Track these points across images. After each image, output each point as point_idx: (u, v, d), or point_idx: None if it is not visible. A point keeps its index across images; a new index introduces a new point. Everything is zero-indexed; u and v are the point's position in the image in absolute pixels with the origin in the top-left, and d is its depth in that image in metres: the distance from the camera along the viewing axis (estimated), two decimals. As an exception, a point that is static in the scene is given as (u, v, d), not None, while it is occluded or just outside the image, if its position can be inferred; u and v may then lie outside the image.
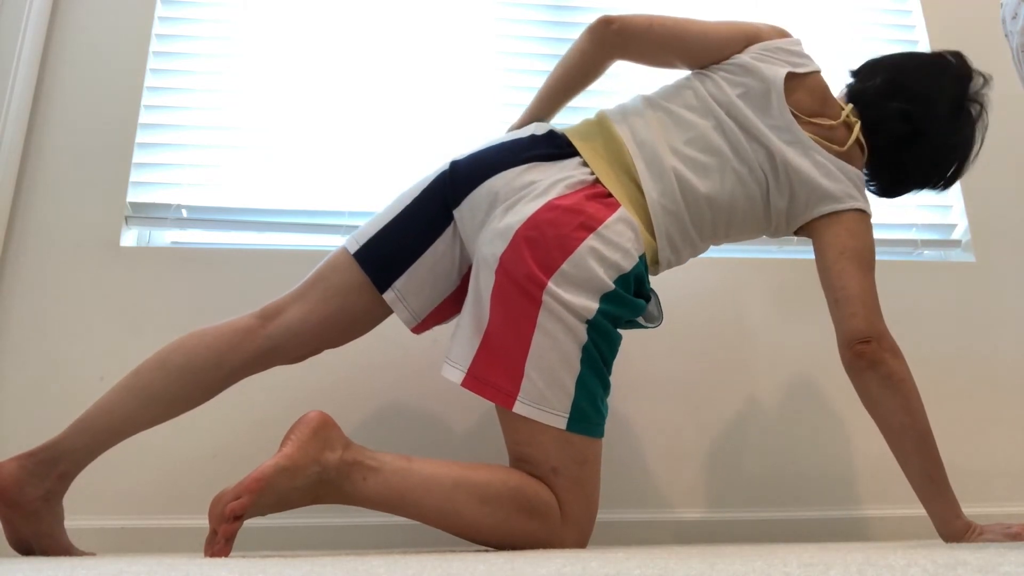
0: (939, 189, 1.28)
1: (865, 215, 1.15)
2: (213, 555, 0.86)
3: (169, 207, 1.59)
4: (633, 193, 1.11)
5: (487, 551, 0.94)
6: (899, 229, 1.80)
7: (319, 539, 1.38)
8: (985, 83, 1.23)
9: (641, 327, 1.14)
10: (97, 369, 1.44)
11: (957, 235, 1.81)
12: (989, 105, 1.23)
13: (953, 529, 1.04)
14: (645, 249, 1.09)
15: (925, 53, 1.29)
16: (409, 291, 1.12)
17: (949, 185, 1.27)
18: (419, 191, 1.14)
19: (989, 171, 1.69)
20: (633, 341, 1.52)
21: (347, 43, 1.75)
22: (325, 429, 0.94)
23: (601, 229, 1.04)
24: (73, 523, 1.11)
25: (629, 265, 1.04)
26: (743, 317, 1.64)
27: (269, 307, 1.13)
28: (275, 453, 0.91)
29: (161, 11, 1.72)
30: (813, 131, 1.15)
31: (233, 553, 0.88)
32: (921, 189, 1.29)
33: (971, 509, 1.12)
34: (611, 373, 1.07)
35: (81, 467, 1.05)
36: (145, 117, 1.64)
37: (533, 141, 1.15)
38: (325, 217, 1.64)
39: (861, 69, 1.28)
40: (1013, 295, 1.73)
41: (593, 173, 1.11)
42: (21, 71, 1.55)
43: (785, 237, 1.25)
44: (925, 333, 1.67)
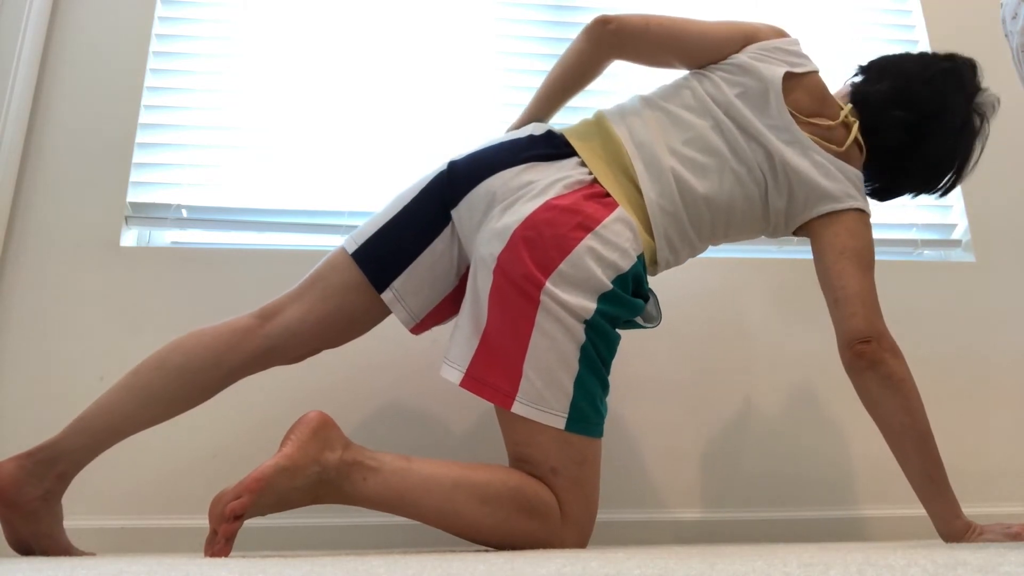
0: (936, 195, 1.28)
1: (864, 215, 1.14)
2: (213, 555, 0.86)
3: (169, 207, 1.60)
4: (631, 193, 1.10)
5: (487, 551, 0.94)
6: (899, 229, 1.80)
7: (319, 539, 1.38)
8: (992, 98, 1.21)
9: (640, 327, 1.14)
10: (97, 369, 1.44)
11: (957, 235, 1.81)
12: (992, 115, 1.22)
13: (953, 529, 1.04)
14: (643, 249, 1.09)
15: (938, 62, 1.22)
16: (407, 291, 1.12)
17: (947, 193, 1.27)
18: (417, 191, 1.14)
19: (989, 171, 1.68)
20: (632, 341, 1.52)
21: (347, 43, 1.75)
22: (325, 429, 0.94)
23: (599, 229, 1.04)
24: (73, 523, 1.11)
25: (627, 265, 1.04)
26: (742, 317, 1.64)
27: (267, 307, 1.13)
28: (275, 453, 0.91)
29: (161, 11, 1.72)
30: (811, 131, 1.15)
31: (233, 553, 0.88)
32: (918, 194, 1.29)
33: (971, 509, 1.11)
34: (610, 373, 1.07)
35: (80, 467, 1.05)
36: (145, 117, 1.64)
37: (531, 141, 1.14)
38: (324, 217, 1.64)
39: (870, 68, 1.26)
40: (1013, 295, 1.73)
41: (591, 173, 1.11)
42: (21, 71, 1.55)
43: (784, 237, 1.24)
44: (925, 333, 1.67)
